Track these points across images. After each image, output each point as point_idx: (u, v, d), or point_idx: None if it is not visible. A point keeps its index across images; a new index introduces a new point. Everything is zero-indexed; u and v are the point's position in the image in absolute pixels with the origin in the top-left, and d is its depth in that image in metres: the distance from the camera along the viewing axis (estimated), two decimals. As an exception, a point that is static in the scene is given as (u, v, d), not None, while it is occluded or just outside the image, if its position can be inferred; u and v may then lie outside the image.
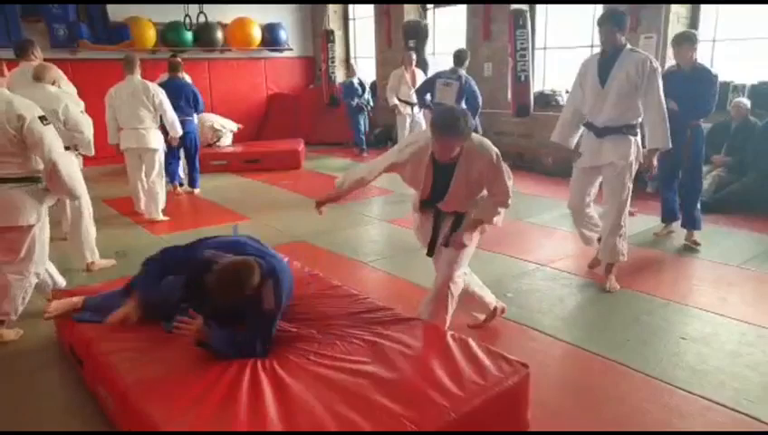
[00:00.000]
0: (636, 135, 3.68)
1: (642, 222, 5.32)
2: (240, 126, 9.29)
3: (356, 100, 9.35)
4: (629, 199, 3.79)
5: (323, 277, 3.33)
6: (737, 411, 2.49)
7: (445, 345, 2.49)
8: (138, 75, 5.74)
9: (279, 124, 10.30)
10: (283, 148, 9.02)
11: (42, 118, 3.15)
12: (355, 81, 9.41)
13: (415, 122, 7.86)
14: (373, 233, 5.36)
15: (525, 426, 2.33)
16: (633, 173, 3.73)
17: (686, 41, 4.47)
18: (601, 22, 3.62)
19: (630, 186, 3.73)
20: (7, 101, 3.07)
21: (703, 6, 6.65)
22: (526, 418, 2.34)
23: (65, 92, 4.30)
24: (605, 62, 3.63)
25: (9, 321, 3.28)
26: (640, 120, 3.67)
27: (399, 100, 7.87)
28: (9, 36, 8.22)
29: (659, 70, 3.57)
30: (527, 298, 3.73)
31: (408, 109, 7.85)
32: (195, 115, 7.01)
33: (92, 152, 4.28)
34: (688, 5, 6.67)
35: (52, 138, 3.15)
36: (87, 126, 4.17)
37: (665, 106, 3.61)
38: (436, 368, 2.29)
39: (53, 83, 4.19)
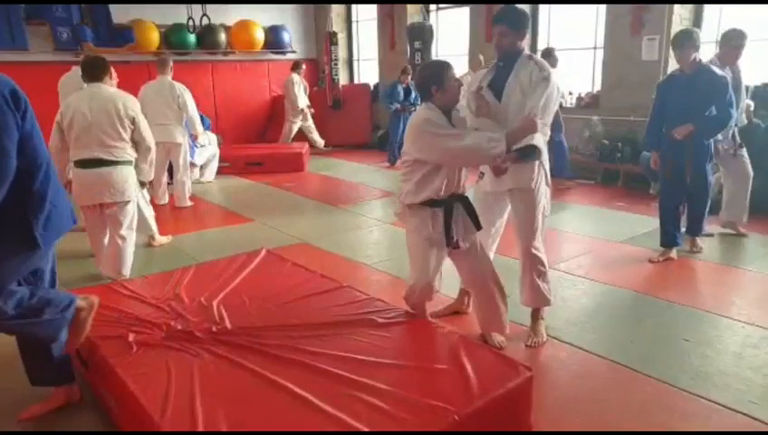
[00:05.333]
0: (539, 158, 3.02)
1: (644, 224, 5.32)
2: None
3: (395, 104, 8.60)
4: (543, 231, 3.16)
5: (329, 278, 3.34)
6: (741, 413, 2.48)
7: (448, 347, 2.50)
8: (168, 76, 6.20)
9: (282, 126, 10.28)
10: (287, 150, 9.03)
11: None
12: (401, 85, 8.64)
13: None
14: (376, 235, 5.36)
15: (528, 428, 2.34)
16: (544, 203, 3.10)
17: (687, 40, 4.04)
18: (495, 20, 3.00)
19: (540, 217, 3.09)
20: (122, 100, 3.94)
21: (706, 7, 6.65)
22: (529, 420, 2.34)
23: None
24: (501, 73, 3.02)
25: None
26: (547, 138, 3.04)
27: None
28: (13, 39, 8.27)
29: (551, 79, 2.89)
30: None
31: None
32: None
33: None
34: (691, 6, 6.67)
35: (148, 129, 4.14)
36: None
37: (540, 109, 2.85)
38: (439, 369, 2.30)
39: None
